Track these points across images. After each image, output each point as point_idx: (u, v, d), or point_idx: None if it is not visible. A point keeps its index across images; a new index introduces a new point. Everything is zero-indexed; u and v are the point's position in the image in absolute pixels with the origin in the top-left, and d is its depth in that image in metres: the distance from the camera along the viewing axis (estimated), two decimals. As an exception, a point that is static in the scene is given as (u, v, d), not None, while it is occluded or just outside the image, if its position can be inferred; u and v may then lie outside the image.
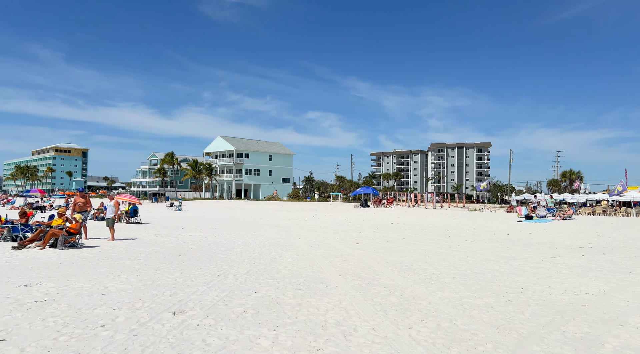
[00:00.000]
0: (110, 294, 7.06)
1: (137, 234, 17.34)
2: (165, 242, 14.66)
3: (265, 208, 48.01)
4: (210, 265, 10.10)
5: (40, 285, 7.66)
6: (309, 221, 27.19)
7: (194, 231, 18.96)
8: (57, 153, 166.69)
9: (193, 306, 6.35)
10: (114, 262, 10.33)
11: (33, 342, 4.75)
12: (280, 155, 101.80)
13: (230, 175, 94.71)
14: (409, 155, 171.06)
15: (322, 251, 12.79)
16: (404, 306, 6.46)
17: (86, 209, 15.23)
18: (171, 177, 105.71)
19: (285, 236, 17.20)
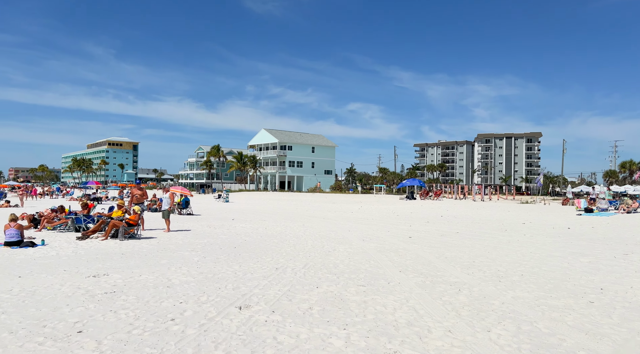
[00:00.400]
0: (175, 286, 7.12)
1: (190, 225, 17.70)
2: (219, 234, 14.85)
3: (309, 200, 48.15)
4: (266, 257, 10.07)
5: (107, 275, 7.85)
6: (356, 214, 26.94)
7: (245, 223, 19.15)
8: (110, 147, 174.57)
9: (257, 300, 6.27)
10: (173, 254, 10.50)
11: (109, 335, 4.79)
12: (323, 147, 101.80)
13: (274, 167, 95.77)
14: (454, 145, 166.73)
15: (375, 245, 12.52)
16: (476, 306, 6.11)
17: (142, 201, 15.66)
18: (217, 169, 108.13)
19: (334, 229, 17.04)
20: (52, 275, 7.82)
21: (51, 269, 8.40)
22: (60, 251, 10.66)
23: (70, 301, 6.13)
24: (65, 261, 9.25)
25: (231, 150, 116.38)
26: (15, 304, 5.90)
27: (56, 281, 7.32)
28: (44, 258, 9.62)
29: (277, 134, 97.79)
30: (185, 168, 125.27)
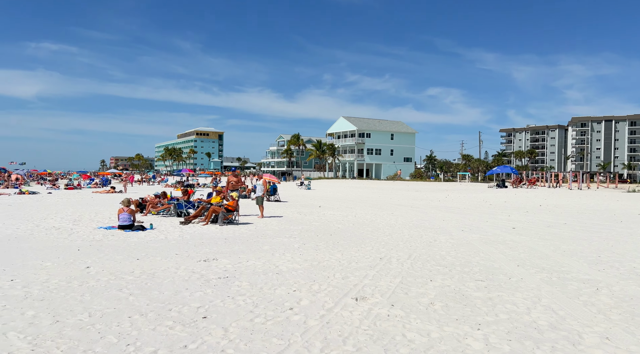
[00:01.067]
0: (283, 273, 7.04)
1: (281, 212, 17.94)
2: (311, 221, 14.84)
3: (391, 188, 47.28)
4: (366, 246, 9.77)
5: (216, 260, 8.00)
6: (444, 203, 25.83)
7: (332, 211, 19.05)
8: (198, 136, 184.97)
9: (371, 292, 5.97)
10: (273, 240, 10.56)
11: (233, 322, 4.74)
12: (402, 133, 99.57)
13: (352, 155, 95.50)
14: (545, 130, 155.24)
15: (478, 236, 11.73)
16: (626, 309, 5.31)
17: (238, 187, 16.07)
18: (297, 157, 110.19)
19: (427, 218, 16.34)
20: (166, 259, 8.12)
21: (164, 252, 8.75)
22: (167, 235, 11.18)
23: (189, 285, 6.25)
24: (175, 245, 9.63)
25: (310, 139, 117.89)
26: (140, 287, 6.12)
27: (171, 265, 7.57)
28: (154, 242, 10.11)
29: (355, 122, 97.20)
30: (267, 156, 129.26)
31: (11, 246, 9.17)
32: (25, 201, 22.84)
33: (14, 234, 10.92)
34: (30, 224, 12.88)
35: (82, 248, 9.05)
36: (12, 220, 13.84)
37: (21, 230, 11.60)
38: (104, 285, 6.20)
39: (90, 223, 13.38)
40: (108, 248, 9.19)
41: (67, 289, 5.94)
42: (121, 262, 7.75)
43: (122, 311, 5.02)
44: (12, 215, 15.44)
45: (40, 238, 10.33)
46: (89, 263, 7.65)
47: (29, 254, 8.35)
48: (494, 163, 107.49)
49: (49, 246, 9.23)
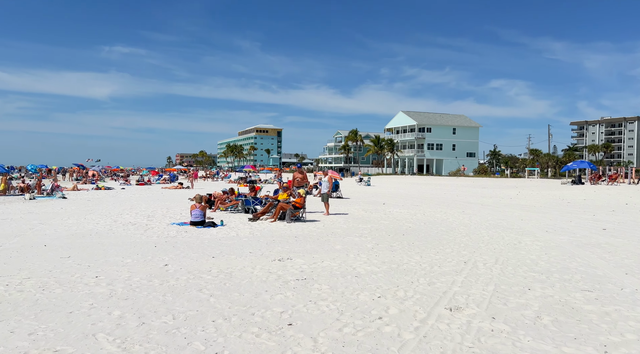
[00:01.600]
0: (362, 276, 6.66)
1: (345, 209, 17.59)
2: (378, 219, 14.35)
3: (454, 185, 45.56)
4: (444, 248, 9.16)
5: (290, 260, 7.76)
6: (516, 200, 24.32)
7: (398, 208, 18.42)
8: (258, 133, 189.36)
9: (465, 301, 5.43)
10: (343, 239, 10.21)
11: (320, 331, 4.41)
12: (465, 128, 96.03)
13: (411, 150, 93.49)
14: (622, 122, 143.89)
15: (567, 238, 10.71)
16: None
17: (303, 184, 15.89)
18: (354, 153, 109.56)
19: (502, 218, 15.31)
20: (241, 257, 7.99)
21: (237, 250, 8.66)
22: (238, 232, 11.16)
23: (267, 286, 6.02)
24: (247, 243, 9.53)
25: (368, 134, 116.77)
26: (219, 287, 5.98)
27: (246, 264, 7.42)
28: (226, 239, 10.08)
29: (415, 116, 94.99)
30: (325, 152, 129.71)
31: (93, 242, 9.47)
32: (102, 196, 24.13)
33: (95, 229, 11.35)
34: (108, 219, 13.41)
35: (159, 245, 9.17)
36: (92, 215, 14.51)
37: (101, 226, 12.06)
38: (184, 284, 6.12)
39: (163, 219, 13.71)
40: (182, 245, 9.25)
41: (148, 288, 5.91)
42: (197, 260, 7.71)
43: (205, 314, 4.86)
44: (92, 210, 16.23)
45: (119, 234, 10.64)
46: (167, 260, 7.67)
47: (109, 250, 8.55)
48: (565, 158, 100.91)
49: (127, 243, 9.45)
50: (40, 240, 9.68)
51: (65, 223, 12.56)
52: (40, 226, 11.71)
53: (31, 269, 6.91)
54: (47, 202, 19.56)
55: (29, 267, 7.03)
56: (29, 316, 4.75)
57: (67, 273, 6.68)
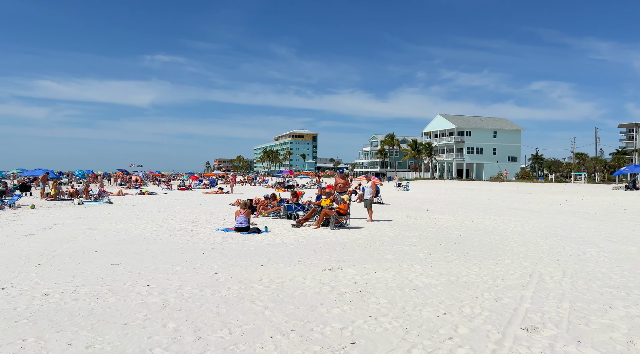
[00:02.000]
0: (421, 290, 6.27)
1: (388, 215, 17.14)
2: (424, 226, 13.84)
3: (497, 190, 44.06)
4: (503, 258, 8.62)
5: (341, 270, 7.46)
6: (566, 206, 23.12)
7: (443, 215, 17.80)
8: (293, 138, 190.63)
9: (540, 320, 4.96)
10: (393, 247, 9.82)
11: (388, 353, 4.08)
12: (506, 131, 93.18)
13: (450, 155, 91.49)
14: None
15: (636, 248, 9.91)
16: None
17: (345, 189, 15.58)
18: (391, 157, 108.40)
19: (557, 225, 14.47)
20: (290, 266, 7.76)
21: (285, 258, 8.43)
22: (283, 238, 10.96)
23: (322, 299, 5.74)
24: (294, 250, 9.30)
25: (405, 138, 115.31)
26: (272, 299, 5.74)
27: (297, 273, 7.17)
28: (272, 246, 9.89)
29: (454, 119, 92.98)
30: (360, 157, 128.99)
31: (142, 248, 9.49)
32: (146, 201, 24.62)
33: (142, 235, 11.43)
34: (154, 225, 13.53)
35: (206, 252, 9.07)
36: (138, 221, 14.71)
37: (147, 231, 12.15)
38: (236, 294, 5.92)
39: (208, 225, 13.72)
40: (230, 251, 9.12)
41: (201, 298, 5.74)
42: (246, 268, 7.52)
43: (262, 329, 4.62)
44: (138, 215, 16.49)
45: (166, 240, 10.65)
46: (216, 268, 7.53)
47: (158, 257, 8.52)
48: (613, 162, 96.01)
49: (175, 249, 9.41)
50: (91, 245, 9.80)
51: (114, 228, 12.74)
52: (89, 232, 11.92)
53: (84, 276, 6.91)
54: (94, 207, 20.10)
55: (82, 274, 7.04)
56: (85, 326, 4.66)
57: (119, 280, 6.63)
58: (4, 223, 13.54)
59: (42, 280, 6.60)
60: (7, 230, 11.98)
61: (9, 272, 7.10)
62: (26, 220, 14.66)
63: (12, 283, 6.43)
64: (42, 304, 5.43)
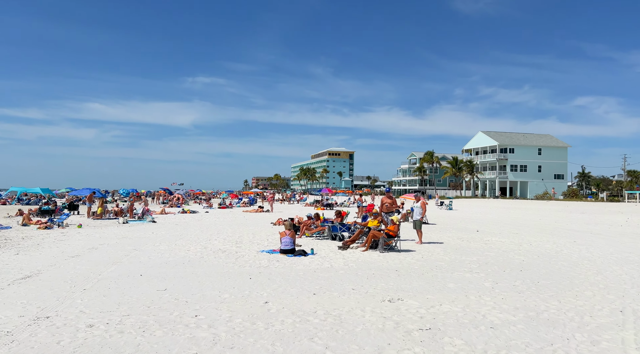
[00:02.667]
0: (498, 328, 5.51)
1: (436, 236, 16.24)
2: (481, 250, 12.90)
3: (546, 209, 41.88)
4: (582, 290, 7.68)
5: (402, 301, 6.78)
6: (629, 228, 21.38)
7: (496, 236, 16.72)
8: (330, 156, 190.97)
9: (658, 374, 4.14)
10: (452, 274, 9.04)
11: (484, 413, 3.40)
12: (552, 148, 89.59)
13: (492, 172, 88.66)
14: None
15: None
16: None
17: (393, 210, 14.88)
18: (430, 175, 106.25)
19: (626, 250, 13.18)
20: (344, 295, 7.15)
21: (337, 285, 7.83)
22: (332, 262, 10.36)
23: (388, 338, 5.10)
24: (345, 276, 8.69)
25: (444, 156, 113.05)
26: (332, 335, 5.15)
27: (354, 304, 6.55)
28: (321, 271, 9.32)
29: (496, 136, 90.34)
30: (398, 174, 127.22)
31: (187, 272, 9.13)
32: (188, 220, 24.66)
33: (187, 257, 11.13)
34: (198, 246, 13.25)
35: (253, 276, 8.60)
36: (182, 241, 14.50)
37: (192, 253, 11.85)
38: (291, 329, 5.37)
39: (252, 246, 13.32)
40: (277, 276, 8.61)
41: (253, 333, 5.22)
42: (298, 297, 6.98)
43: (327, 376, 4.03)
44: (181, 235, 16.34)
45: (211, 263, 10.28)
46: (265, 296, 7.02)
47: (205, 282, 8.11)
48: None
49: (221, 273, 9.00)
50: (136, 268, 9.54)
51: (158, 249, 12.54)
52: (134, 253, 11.74)
53: (129, 303, 6.56)
54: (138, 226, 20.20)
55: (127, 301, 6.70)
56: (132, 366, 4.22)
57: (165, 309, 6.23)
58: (52, 243, 13.63)
59: (87, 308, 6.29)
60: (55, 251, 11.98)
61: (55, 298, 6.85)
62: (73, 239, 14.75)
63: (57, 311, 6.15)
64: (87, 337, 5.06)
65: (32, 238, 15.09)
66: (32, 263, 10.06)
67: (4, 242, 13.74)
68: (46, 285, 7.73)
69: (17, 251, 11.79)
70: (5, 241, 13.88)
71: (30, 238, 15.10)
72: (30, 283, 7.89)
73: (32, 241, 14.03)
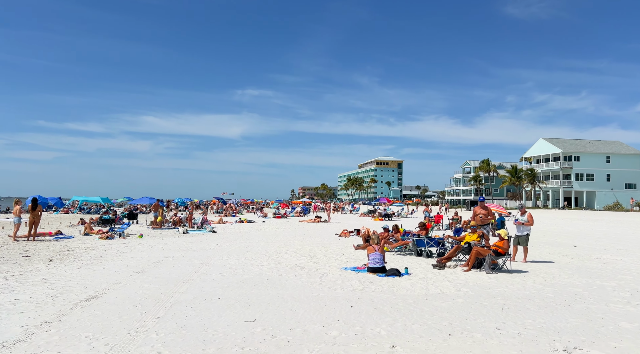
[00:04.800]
0: None
1: (535, 253, 13.98)
2: (609, 271, 10.65)
3: (626, 221, 37.83)
4: None
5: (580, 350, 4.92)
6: None
7: (602, 253, 14.26)
8: (378, 166, 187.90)
9: None
10: (608, 307, 7.01)
11: None
12: (622, 155, 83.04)
13: (555, 181, 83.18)
14: None
15: None
16: None
17: (488, 222, 12.88)
18: (486, 184, 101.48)
19: None
20: (492, 337, 5.36)
21: (472, 322, 6.05)
22: (439, 286, 8.57)
23: None
24: (469, 307, 6.88)
25: (501, 164, 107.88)
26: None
27: (518, 355, 4.77)
28: (433, 298, 7.56)
29: (559, 143, 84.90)
30: (451, 184, 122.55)
31: (271, 295, 7.65)
32: (248, 230, 23.54)
33: (263, 274, 9.69)
34: (270, 260, 11.84)
35: (354, 304, 6.99)
36: (250, 254, 13.17)
37: (266, 268, 10.43)
38: (459, 399, 3.68)
39: (329, 261, 11.76)
40: (384, 305, 6.95)
41: (408, 404, 3.57)
42: (431, 340, 5.27)
43: None
44: (247, 247, 15.05)
45: (293, 282, 8.77)
46: (385, 336, 5.37)
47: (298, 310, 6.57)
48: None
49: (311, 297, 7.45)
50: (210, 288, 8.18)
51: (228, 264, 11.23)
52: (204, 269, 10.45)
53: (217, 341, 5.11)
54: (199, 237, 19.19)
55: (213, 337, 5.25)
56: None
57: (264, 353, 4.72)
58: (115, 256, 12.66)
59: (165, 348, 4.88)
60: (119, 265, 10.92)
61: (125, 330, 5.52)
62: (136, 251, 13.77)
63: (129, 351, 4.78)
64: (176, 402, 3.59)
65: (95, 249, 14.27)
66: (96, 279, 8.95)
67: (67, 254, 12.92)
68: (113, 311, 6.46)
69: (80, 265, 10.82)
70: (68, 253, 13.07)
71: (92, 248, 14.28)
72: (95, 307, 6.66)
73: (95, 253, 13.14)
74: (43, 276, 9.22)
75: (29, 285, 8.32)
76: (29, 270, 10.02)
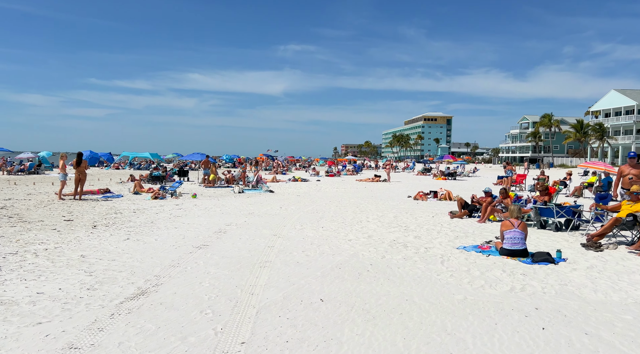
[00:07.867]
0: None
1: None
2: None
3: None
4: None
5: None
6: None
7: None
8: (425, 122, 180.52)
9: None
10: None
11: None
12: None
13: (628, 137, 75.92)
14: None
15: None
16: None
17: (637, 186, 9.81)
18: (546, 141, 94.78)
19: None
20: None
21: None
22: (622, 281, 5.86)
23: None
24: None
25: (563, 119, 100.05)
26: None
27: None
28: (634, 304, 4.90)
29: (633, 95, 76.87)
30: (507, 140, 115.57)
31: (390, 294, 5.21)
32: (306, 190, 21.32)
33: (360, 254, 7.27)
34: (357, 233, 9.43)
35: (535, 319, 4.43)
36: (326, 222, 10.83)
37: (358, 245, 8.02)
38: None
39: (431, 234, 9.23)
40: (589, 323, 4.36)
41: None
42: None
43: None
44: (318, 212, 12.72)
45: (409, 271, 6.30)
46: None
47: (458, 333, 4.10)
48: None
49: (458, 302, 4.95)
50: (299, 277, 5.87)
51: (305, 236, 8.92)
52: (279, 243, 8.18)
53: None
54: (257, 197, 17.11)
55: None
56: None
57: None
58: (168, 221, 10.65)
59: None
60: (174, 235, 8.84)
61: None
62: (191, 215, 11.75)
63: None
64: None
65: (145, 211, 12.39)
66: (147, 258, 6.85)
67: (114, 218, 11.06)
68: (172, 321, 4.24)
69: (128, 234, 8.82)
70: (115, 217, 11.21)
71: (142, 211, 12.40)
72: (145, 313, 4.48)
73: (145, 217, 11.21)
74: (82, 251, 7.24)
75: (62, 265, 6.32)
76: (67, 240, 8.11)
